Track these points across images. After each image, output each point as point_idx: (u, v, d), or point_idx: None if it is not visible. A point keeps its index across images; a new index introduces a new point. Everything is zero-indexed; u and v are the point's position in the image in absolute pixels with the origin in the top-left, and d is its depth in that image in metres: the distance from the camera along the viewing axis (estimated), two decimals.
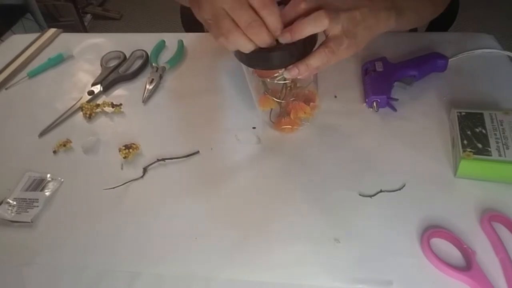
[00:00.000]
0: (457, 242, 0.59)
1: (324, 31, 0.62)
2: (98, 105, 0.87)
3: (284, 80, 0.69)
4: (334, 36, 0.63)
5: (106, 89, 0.93)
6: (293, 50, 0.61)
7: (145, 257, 0.63)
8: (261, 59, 0.64)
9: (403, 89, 0.82)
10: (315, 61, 0.62)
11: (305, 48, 0.63)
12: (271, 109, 0.76)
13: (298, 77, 0.64)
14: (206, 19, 0.62)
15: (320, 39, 0.64)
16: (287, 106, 0.74)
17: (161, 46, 1.02)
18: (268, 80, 0.70)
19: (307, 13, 0.60)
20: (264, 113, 0.78)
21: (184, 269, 0.61)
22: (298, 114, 0.74)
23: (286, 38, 0.60)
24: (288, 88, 0.71)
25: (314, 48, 0.63)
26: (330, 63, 0.64)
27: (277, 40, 0.61)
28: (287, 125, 0.76)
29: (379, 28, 0.68)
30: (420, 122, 0.77)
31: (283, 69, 0.65)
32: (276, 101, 0.73)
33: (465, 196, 0.65)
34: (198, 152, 0.76)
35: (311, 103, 0.74)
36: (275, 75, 0.68)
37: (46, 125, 0.85)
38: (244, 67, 0.69)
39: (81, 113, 0.87)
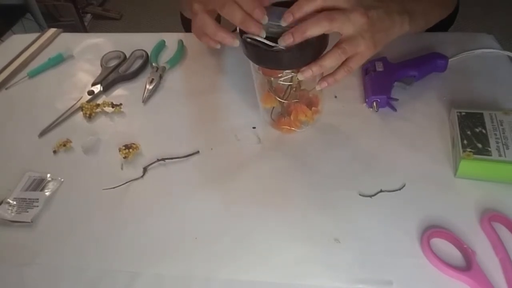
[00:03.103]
0: (457, 242, 0.59)
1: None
2: (98, 105, 0.87)
3: (290, 81, 0.70)
4: (347, 36, 0.63)
5: (106, 89, 0.93)
6: (303, 52, 0.62)
7: (145, 257, 0.63)
8: (270, 58, 0.64)
9: (403, 89, 0.82)
10: (328, 61, 0.63)
11: (315, 50, 0.63)
12: (273, 107, 0.76)
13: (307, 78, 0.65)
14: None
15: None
16: (289, 107, 0.74)
17: (161, 46, 1.02)
18: (272, 79, 0.70)
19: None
20: (266, 111, 0.78)
21: (184, 269, 0.61)
22: (299, 116, 0.74)
23: (288, 40, 0.60)
24: (293, 89, 0.71)
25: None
26: (352, 69, 0.65)
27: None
28: (286, 125, 0.76)
29: (395, 32, 0.69)
30: (420, 122, 0.77)
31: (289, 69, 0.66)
32: (279, 100, 0.73)
33: (465, 196, 0.65)
34: (198, 152, 0.76)
35: (313, 108, 0.75)
36: (280, 74, 0.69)
37: (46, 125, 0.85)
38: (251, 63, 0.69)
39: (81, 113, 0.87)
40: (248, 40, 0.63)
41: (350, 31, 0.63)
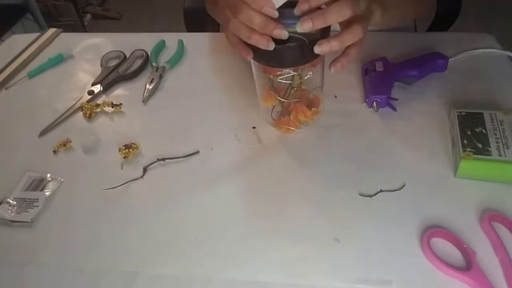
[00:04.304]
0: (457, 242, 0.59)
1: None
2: (98, 105, 0.87)
3: (290, 80, 0.69)
4: (358, 16, 0.62)
5: (106, 89, 0.93)
6: (305, 50, 0.61)
7: (145, 257, 0.63)
8: (271, 57, 0.64)
9: (403, 89, 0.82)
10: (349, 37, 0.62)
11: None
12: (273, 106, 0.76)
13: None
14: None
15: None
16: (289, 106, 0.74)
17: (161, 46, 1.02)
18: (272, 76, 0.70)
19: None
20: (266, 110, 0.78)
21: (183, 269, 0.61)
22: (298, 116, 0.74)
23: (307, 26, 0.59)
24: (294, 89, 0.71)
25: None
26: (359, 48, 0.64)
27: (287, 40, 0.62)
28: (285, 125, 0.76)
29: (371, 19, 0.68)
30: (420, 122, 0.77)
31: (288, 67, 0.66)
32: (279, 99, 0.73)
33: (465, 196, 0.65)
34: (198, 152, 0.76)
35: (313, 108, 0.74)
36: (278, 72, 0.68)
37: (46, 125, 0.85)
38: (252, 61, 0.69)
39: (81, 113, 0.87)
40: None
41: (360, 11, 0.63)
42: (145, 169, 0.74)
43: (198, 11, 0.83)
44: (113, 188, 0.71)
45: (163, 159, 0.75)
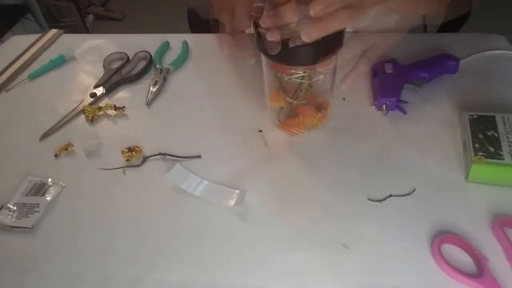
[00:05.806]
0: (468, 248, 0.59)
1: None
2: (100, 108, 0.86)
3: (301, 80, 0.68)
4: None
5: (109, 91, 0.92)
6: (318, 48, 0.60)
7: (148, 263, 0.62)
8: (284, 54, 0.62)
9: (413, 91, 0.81)
10: (333, 23, 0.59)
11: (330, 47, 0.62)
12: (281, 107, 0.75)
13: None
14: None
15: None
16: (297, 108, 0.73)
17: (165, 47, 1.02)
18: (279, 75, 0.69)
19: None
20: (273, 111, 0.77)
21: (187, 275, 0.60)
22: (306, 119, 0.73)
23: (312, 37, 0.57)
24: (303, 91, 0.70)
25: None
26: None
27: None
28: (292, 127, 0.75)
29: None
30: (430, 125, 0.76)
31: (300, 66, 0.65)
32: (287, 100, 0.72)
33: (477, 201, 0.65)
34: (199, 156, 0.75)
35: (322, 111, 0.73)
36: (287, 72, 0.67)
37: (47, 128, 0.84)
38: (262, 58, 0.68)
39: (83, 116, 0.86)
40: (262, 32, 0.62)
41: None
42: (144, 159, 0.75)
43: (202, 12, 0.82)
44: (110, 169, 0.73)
45: (164, 154, 0.75)
